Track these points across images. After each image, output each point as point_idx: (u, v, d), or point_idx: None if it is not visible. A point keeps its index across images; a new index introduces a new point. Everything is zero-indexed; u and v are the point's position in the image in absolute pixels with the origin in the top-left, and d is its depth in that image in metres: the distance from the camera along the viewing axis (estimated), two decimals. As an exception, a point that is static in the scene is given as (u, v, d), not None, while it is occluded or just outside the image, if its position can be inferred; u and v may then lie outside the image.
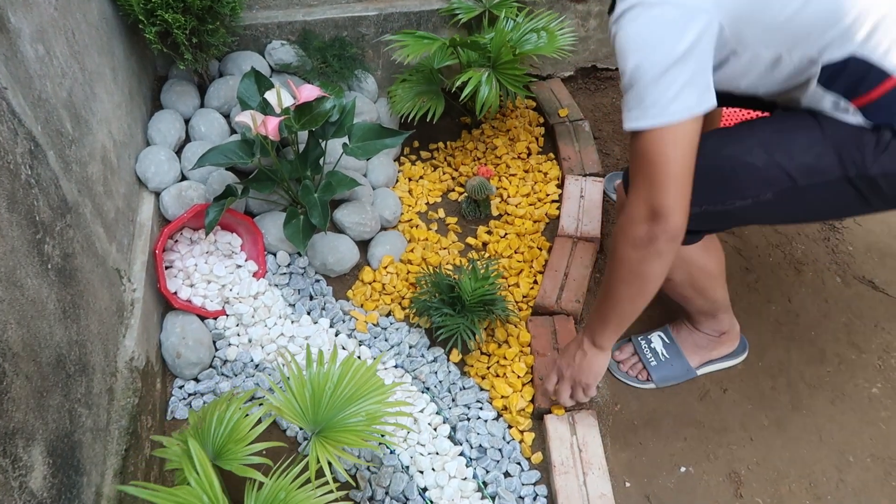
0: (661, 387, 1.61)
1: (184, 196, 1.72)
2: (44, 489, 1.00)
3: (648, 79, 1.05)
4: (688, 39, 1.03)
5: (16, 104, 1.08)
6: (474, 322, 1.58)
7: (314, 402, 1.22)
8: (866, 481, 1.48)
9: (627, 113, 1.09)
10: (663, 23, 1.04)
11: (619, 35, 1.07)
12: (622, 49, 1.07)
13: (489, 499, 1.41)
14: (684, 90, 1.05)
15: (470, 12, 2.06)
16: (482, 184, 1.84)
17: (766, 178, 1.19)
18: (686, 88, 1.05)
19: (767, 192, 1.20)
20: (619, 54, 1.07)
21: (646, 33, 1.05)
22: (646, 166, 1.10)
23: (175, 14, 1.66)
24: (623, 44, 1.06)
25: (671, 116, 1.06)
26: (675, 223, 1.10)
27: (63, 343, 1.13)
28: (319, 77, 2.02)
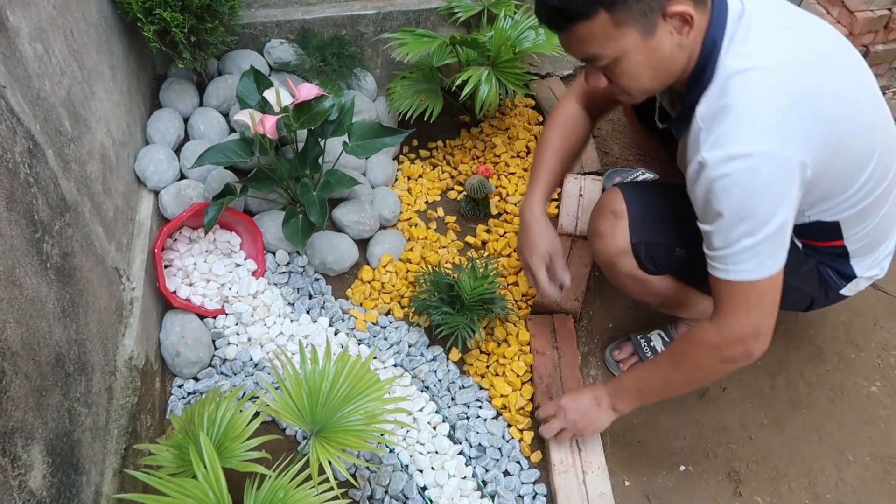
0: None
1: (183, 195, 1.72)
2: (43, 488, 1.00)
3: (768, 233, 1.06)
4: (790, 193, 1.05)
5: (14, 103, 1.08)
6: (473, 321, 1.58)
7: (311, 401, 1.22)
8: (865, 480, 1.48)
9: (731, 262, 1.10)
10: (779, 176, 1.03)
11: (726, 182, 1.04)
12: (725, 200, 1.05)
13: (489, 498, 1.41)
14: (785, 240, 1.10)
15: (469, 10, 2.06)
16: (481, 182, 1.84)
17: None
18: (786, 239, 1.09)
19: None
20: (731, 198, 1.05)
21: (753, 188, 1.03)
22: (761, 300, 1.14)
23: (174, 12, 1.65)
24: (728, 196, 1.04)
25: (781, 263, 1.11)
26: (768, 342, 1.18)
27: (62, 342, 1.12)
28: (318, 76, 2.02)
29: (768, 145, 1.01)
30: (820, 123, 1.05)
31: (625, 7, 1.00)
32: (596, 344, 1.71)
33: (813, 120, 1.04)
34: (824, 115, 1.06)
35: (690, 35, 1.06)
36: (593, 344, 1.71)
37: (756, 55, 1.05)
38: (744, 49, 1.06)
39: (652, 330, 1.65)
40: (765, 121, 1.02)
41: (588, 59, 1.10)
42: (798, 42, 1.10)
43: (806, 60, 1.08)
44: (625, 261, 1.37)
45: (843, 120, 1.09)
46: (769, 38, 1.07)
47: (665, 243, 1.33)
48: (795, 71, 1.05)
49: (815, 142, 1.05)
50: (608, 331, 1.74)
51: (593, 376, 1.65)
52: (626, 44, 1.04)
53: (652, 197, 1.40)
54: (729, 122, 1.03)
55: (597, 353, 1.70)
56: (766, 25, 1.08)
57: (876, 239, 1.30)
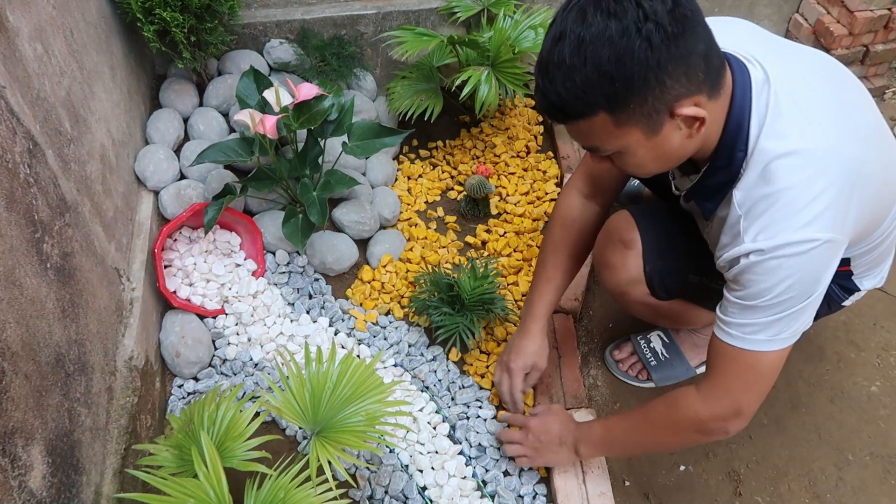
0: (661, 386, 1.61)
1: (182, 195, 1.72)
2: (43, 488, 1.00)
3: (791, 310, 1.03)
4: (829, 273, 1.03)
5: (14, 103, 1.08)
6: (473, 321, 1.58)
7: (314, 401, 1.22)
8: (865, 479, 1.48)
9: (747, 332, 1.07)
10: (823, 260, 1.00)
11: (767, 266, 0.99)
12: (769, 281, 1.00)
13: (488, 497, 1.41)
14: (810, 316, 1.07)
15: (469, 10, 2.06)
16: (481, 182, 1.84)
17: None
18: (811, 314, 1.07)
19: None
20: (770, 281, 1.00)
21: (806, 270, 1.00)
22: (755, 380, 1.11)
23: (173, 12, 1.65)
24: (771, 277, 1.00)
25: (794, 339, 1.08)
26: (748, 421, 1.16)
27: (62, 342, 1.12)
28: (318, 76, 2.02)
29: (822, 233, 0.97)
30: (865, 202, 1.03)
31: (626, 109, 0.93)
32: (596, 344, 1.71)
33: (859, 201, 1.01)
34: (868, 193, 1.03)
35: (702, 130, 0.99)
36: (593, 344, 1.72)
37: (795, 135, 0.98)
38: (779, 127, 0.99)
39: (652, 330, 1.65)
40: (818, 209, 0.96)
41: (591, 149, 1.04)
42: (828, 106, 1.03)
43: (843, 131, 1.01)
44: (637, 289, 1.35)
45: (881, 189, 1.07)
46: (802, 111, 1.00)
47: (679, 270, 1.30)
48: (839, 151, 0.99)
49: (860, 221, 1.04)
50: (608, 331, 1.74)
51: (593, 376, 1.65)
52: (628, 141, 0.98)
53: (665, 222, 1.34)
54: (778, 210, 0.98)
55: (597, 353, 1.70)
56: (794, 94, 1.01)
57: (880, 259, 1.30)
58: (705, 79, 0.94)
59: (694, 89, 0.93)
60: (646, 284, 1.34)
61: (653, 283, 1.33)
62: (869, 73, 2.41)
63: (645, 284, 1.34)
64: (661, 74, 0.89)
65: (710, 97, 0.96)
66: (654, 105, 0.93)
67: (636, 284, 1.34)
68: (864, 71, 2.39)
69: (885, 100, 2.44)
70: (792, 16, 2.44)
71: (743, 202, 1.01)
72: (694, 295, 1.37)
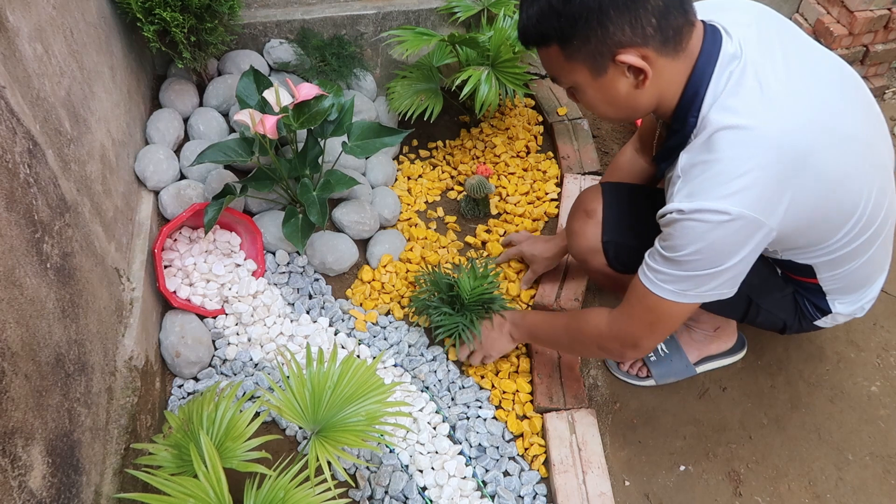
0: (661, 384, 1.61)
1: (182, 195, 1.72)
2: (43, 488, 1.00)
3: (699, 272, 1.09)
4: (746, 251, 1.07)
5: (14, 103, 1.08)
6: (473, 320, 1.58)
7: (314, 401, 1.22)
8: (865, 479, 1.48)
9: (660, 279, 1.13)
10: (736, 233, 1.04)
11: (686, 225, 1.05)
12: (684, 239, 1.06)
13: (488, 498, 1.41)
14: (722, 286, 1.12)
15: (469, 10, 2.06)
16: (481, 182, 1.84)
17: None
18: (723, 285, 1.12)
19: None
20: (683, 239, 1.06)
21: (716, 238, 1.04)
22: (655, 321, 1.20)
23: (173, 12, 1.65)
24: (686, 236, 1.06)
25: (699, 300, 1.14)
26: (643, 354, 1.32)
27: (62, 342, 1.12)
28: (318, 76, 2.02)
29: (738, 208, 1.01)
30: (807, 196, 1.05)
31: (571, 45, 1.04)
32: (596, 344, 1.71)
33: (799, 193, 1.04)
34: (812, 189, 1.05)
35: (648, 85, 1.05)
36: (593, 344, 1.72)
37: (746, 112, 1.02)
38: (733, 102, 1.03)
39: None
40: (741, 184, 1.00)
41: (553, 78, 1.14)
42: (803, 99, 1.05)
43: (803, 123, 1.03)
44: (595, 258, 1.40)
45: (827, 191, 1.07)
46: (764, 94, 1.03)
47: (635, 246, 1.30)
48: (786, 138, 1.01)
49: (791, 214, 1.06)
50: (608, 331, 1.74)
51: (593, 376, 1.65)
52: (577, 77, 1.08)
53: (630, 198, 1.41)
54: (708, 177, 1.03)
55: (597, 352, 1.70)
56: (764, 76, 1.03)
57: (854, 283, 1.29)
58: (655, 34, 1.00)
59: (639, 41, 1.00)
60: (603, 254, 1.38)
61: (608, 253, 1.38)
62: (869, 73, 2.41)
63: (602, 255, 1.39)
64: (602, 18, 0.99)
65: (661, 54, 1.03)
66: (596, 47, 1.02)
67: (595, 253, 1.39)
68: (864, 71, 2.39)
69: (885, 100, 2.44)
70: (792, 16, 2.44)
71: (684, 165, 1.06)
72: None
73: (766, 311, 1.36)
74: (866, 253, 1.22)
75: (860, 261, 1.23)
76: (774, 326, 1.41)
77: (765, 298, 1.34)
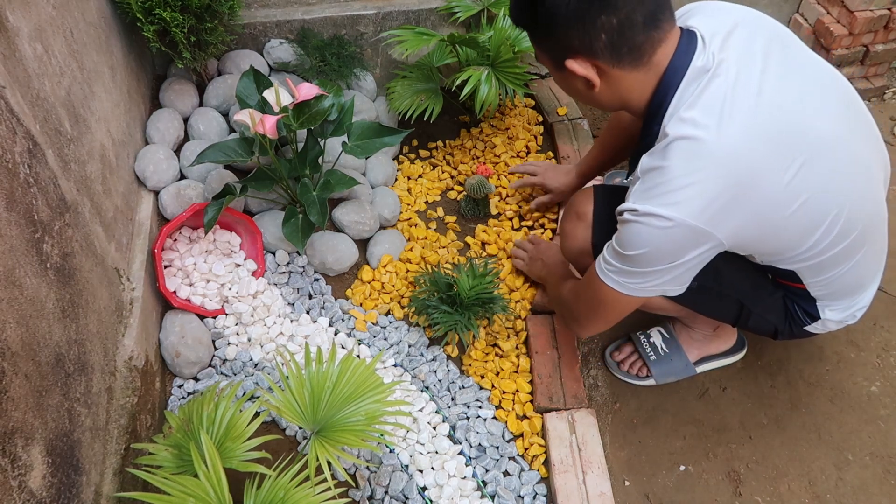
0: (661, 383, 1.61)
1: (182, 195, 1.72)
2: (43, 488, 1.00)
3: (642, 269, 1.14)
4: (688, 256, 1.11)
5: (14, 103, 1.08)
6: (471, 319, 1.58)
7: (313, 401, 1.22)
8: (865, 479, 1.48)
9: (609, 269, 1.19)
10: (678, 239, 1.08)
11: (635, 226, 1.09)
12: (633, 237, 1.11)
13: (488, 498, 1.41)
14: (665, 284, 1.17)
15: (468, 10, 2.06)
16: (481, 182, 1.84)
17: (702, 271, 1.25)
18: (667, 283, 1.17)
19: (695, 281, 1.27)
20: (627, 237, 1.12)
21: (659, 241, 1.08)
22: (597, 306, 1.29)
23: (173, 12, 1.65)
24: (635, 235, 1.10)
25: (642, 294, 1.20)
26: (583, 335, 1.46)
27: (62, 342, 1.12)
28: (318, 76, 2.02)
29: (680, 216, 1.04)
30: (754, 212, 1.07)
31: (536, 38, 1.15)
32: (596, 344, 1.71)
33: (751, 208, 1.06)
34: (761, 205, 1.07)
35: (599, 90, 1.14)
36: (593, 344, 1.72)
37: (702, 124, 1.03)
38: (691, 114, 1.05)
39: (652, 327, 1.65)
40: (687, 195, 1.04)
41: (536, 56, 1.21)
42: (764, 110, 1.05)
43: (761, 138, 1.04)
44: (585, 259, 1.39)
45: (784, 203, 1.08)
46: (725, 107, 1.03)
47: None
48: (740, 154, 1.03)
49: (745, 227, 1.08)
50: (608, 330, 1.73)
51: (593, 376, 1.65)
52: (544, 63, 1.18)
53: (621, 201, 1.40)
54: (658, 182, 1.06)
55: (597, 353, 1.70)
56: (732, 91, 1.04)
57: (843, 289, 1.29)
58: (606, 49, 1.06)
59: (587, 52, 1.08)
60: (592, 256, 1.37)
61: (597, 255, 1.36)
62: (869, 73, 2.41)
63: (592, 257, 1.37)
64: (553, 27, 1.07)
65: (615, 66, 1.09)
66: (550, 48, 1.13)
67: (585, 255, 1.40)
68: (864, 71, 2.39)
69: (885, 100, 2.44)
70: (792, 16, 2.44)
71: (643, 167, 1.10)
72: None
73: (756, 316, 1.36)
74: (850, 259, 1.22)
75: (845, 267, 1.23)
76: (766, 331, 1.42)
77: (756, 303, 1.34)
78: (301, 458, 1.16)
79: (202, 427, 1.17)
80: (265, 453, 1.16)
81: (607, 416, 1.58)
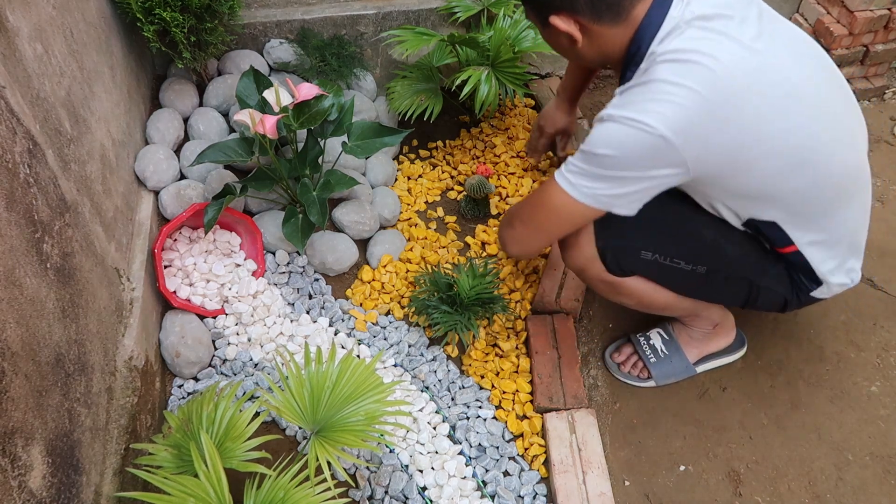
0: (661, 384, 1.61)
1: (182, 195, 1.72)
2: (43, 488, 1.00)
3: (607, 172, 1.15)
4: (651, 174, 1.14)
5: (14, 103, 1.08)
6: (471, 319, 1.58)
7: (313, 401, 1.22)
8: (865, 479, 1.48)
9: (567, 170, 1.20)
10: (648, 149, 1.10)
11: (610, 126, 1.12)
12: (605, 138, 1.13)
13: (488, 498, 1.41)
14: (620, 197, 1.18)
15: (468, 10, 2.06)
16: (481, 182, 1.84)
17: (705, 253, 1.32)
18: (622, 197, 1.18)
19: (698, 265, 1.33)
20: (600, 137, 1.13)
21: (630, 145, 1.10)
22: (539, 206, 1.29)
23: (173, 12, 1.65)
24: (608, 136, 1.12)
25: (592, 202, 1.19)
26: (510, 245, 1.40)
27: (62, 342, 1.12)
28: (318, 76, 2.02)
29: (659, 125, 1.07)
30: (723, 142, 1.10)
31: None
32: (596, 344, 1.71)
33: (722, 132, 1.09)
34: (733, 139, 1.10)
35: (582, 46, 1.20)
36: (593, 344, 1.72)
37: (685, 49, 1.07)
38: (671, 46, 1.09)
39: (652, 328, 1.65)
40: (669, 105, 1.07)
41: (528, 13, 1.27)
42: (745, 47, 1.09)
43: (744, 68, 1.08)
44: (594, 266, 1.38)
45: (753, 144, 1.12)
46: (708, 36, 1.08)
47: (632, 246, 1.33)
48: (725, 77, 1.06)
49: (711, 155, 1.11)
50: (608, 331, 1.74)
51: (593, 376, 1.65)
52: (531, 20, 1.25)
53: None
54: (640, 94, 1.10)
55: (597, 353, 1.70)
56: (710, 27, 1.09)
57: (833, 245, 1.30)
58: (587, 5, 1.13)
59: (569, 9, 1.14)
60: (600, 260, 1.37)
61: (606, 258, 1.36)
62: (869, 73, 2.41)
63: (598, 262, 1.37)
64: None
65: (596, 23, 1.15)
66: (534, 6, 1.20)
67: (593, 262, 1.38)
68: (864, 71, 2.39)
69: (885, 100, 2.44)
70: (792, 16, 2.44)
71: (622, 89, 1.15)
72: (650, 272, 1.38)
73: (766, 290, 1.37)
74: (832, 214, 1.25)
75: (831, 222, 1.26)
76: (776, 305, 1.42)
77: (762, 276, 1.35)
78: (301, 458, 1.16)
79: (202, 427, 1.17)
80: (265, 453, 1.16)
81: (607, 416, 1.58)
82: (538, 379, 1.57)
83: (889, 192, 2.09)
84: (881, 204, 2.05)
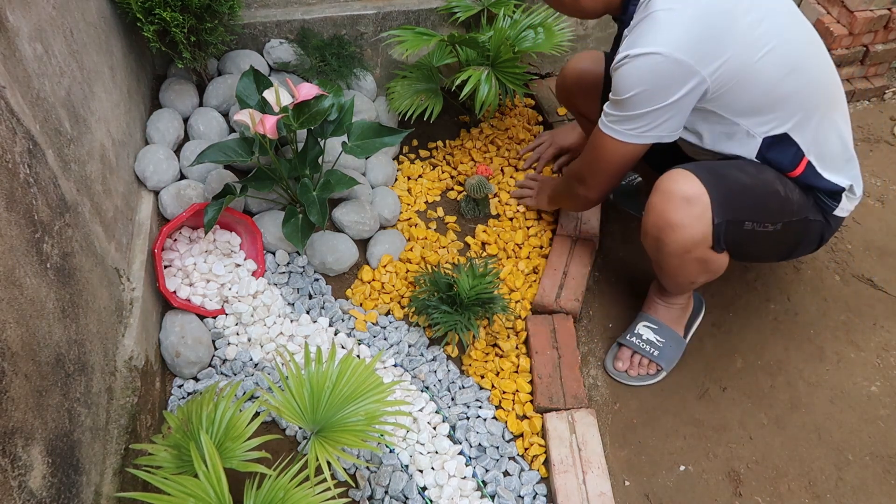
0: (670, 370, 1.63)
1: (182, 195, 1.72)
2: (43, 488, 1.00)
3: (640, 110, 1.29)
4: (680, 93, 1.25)
5: (14, 103, 1.08)
6: (471, 319, 1.58)
7: (313, 401, 1.22)
8: (865, 479, 1.48)
9: (608, 120, 1.35)
10: (667, 74, 1.23)
11: (628, 67, 1.25)
12: (627, 79, 1.27)
13: (488, 498, 1.41)
14: (660, 126, 1.31)
15: (468, 10, 2.06)
16: (481, 182, 1.84)
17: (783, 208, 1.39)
18: (661, 125, 1.31)
19: (779, 222, 1.40)
20: (623, 81, 1.27)
21: (650, 77, 1.24)
22: (598, 157, 1.43)
23: (173, 12, 1.65)
24: (629, 76, 1.26)
25: (640, 140, 1.34)
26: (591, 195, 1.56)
27: (62, 342, 1.12)
28: (318, 76, 2.02)
29: (667, 49, 1.21)
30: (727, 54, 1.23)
31: None
32: (596, 344, 1.71)
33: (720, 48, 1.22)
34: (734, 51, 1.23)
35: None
36: (593, 344, 1.72)
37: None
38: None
39: (634, 324, 1.67)
40: (672, 30, 1.21)
41: None
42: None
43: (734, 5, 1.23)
44: (701, 246, 1.35)
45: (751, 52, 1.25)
46: None
47: (740, 219, 1.36)
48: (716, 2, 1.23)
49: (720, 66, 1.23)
50: (608, 331, 1.74)
51: (593, 376, 1.65)
52: None
53: (724, 170, 1.37)
54: (644, 28, 1.24)
55: (597, 353, 1.70)
56: None
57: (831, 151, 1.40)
58: None
59: None
60: (712, 238, 1.34)
61: (720, 235, 1.34)
62: (869, 73, 2.41)
63: (709, 239, 1.35)
64: None
65: None
66: None
67: (701, 245, 1.35)
68: (864, 71, 2.39)
69: (885, 100, 2.44)
70: (792, 16, 2.43)
71: (628, 30, 1.30)
72: (741, 242, 1.40)
73: (812, 223, 1.44)
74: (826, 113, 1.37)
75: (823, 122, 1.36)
76: (815, 238, 1.49)
77: (809, 209, 1.43)
78: (301, 458, 1.16)
79: (202, 427, 1.17)
80: (265, 453, 1.16)
81: (607, 416, 1.58)
82: (538, 379, 1.57)
83: (889, 192, 2.09)
84: (881, 204, 2.05)
